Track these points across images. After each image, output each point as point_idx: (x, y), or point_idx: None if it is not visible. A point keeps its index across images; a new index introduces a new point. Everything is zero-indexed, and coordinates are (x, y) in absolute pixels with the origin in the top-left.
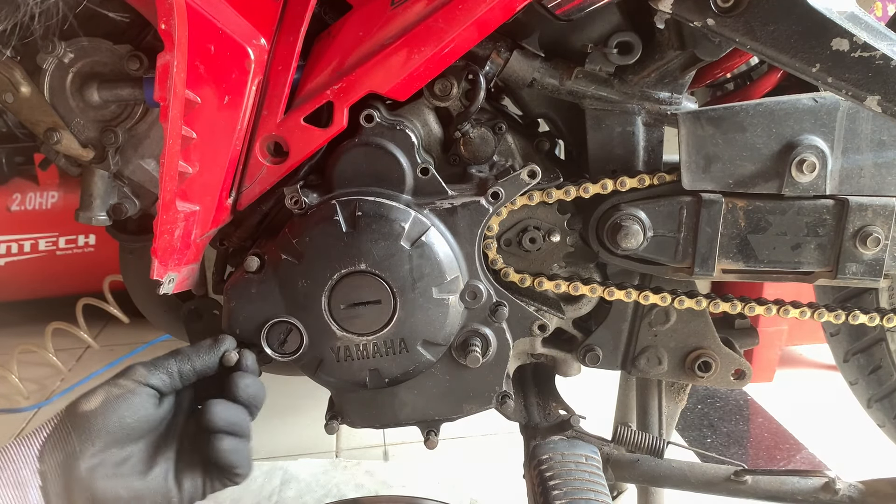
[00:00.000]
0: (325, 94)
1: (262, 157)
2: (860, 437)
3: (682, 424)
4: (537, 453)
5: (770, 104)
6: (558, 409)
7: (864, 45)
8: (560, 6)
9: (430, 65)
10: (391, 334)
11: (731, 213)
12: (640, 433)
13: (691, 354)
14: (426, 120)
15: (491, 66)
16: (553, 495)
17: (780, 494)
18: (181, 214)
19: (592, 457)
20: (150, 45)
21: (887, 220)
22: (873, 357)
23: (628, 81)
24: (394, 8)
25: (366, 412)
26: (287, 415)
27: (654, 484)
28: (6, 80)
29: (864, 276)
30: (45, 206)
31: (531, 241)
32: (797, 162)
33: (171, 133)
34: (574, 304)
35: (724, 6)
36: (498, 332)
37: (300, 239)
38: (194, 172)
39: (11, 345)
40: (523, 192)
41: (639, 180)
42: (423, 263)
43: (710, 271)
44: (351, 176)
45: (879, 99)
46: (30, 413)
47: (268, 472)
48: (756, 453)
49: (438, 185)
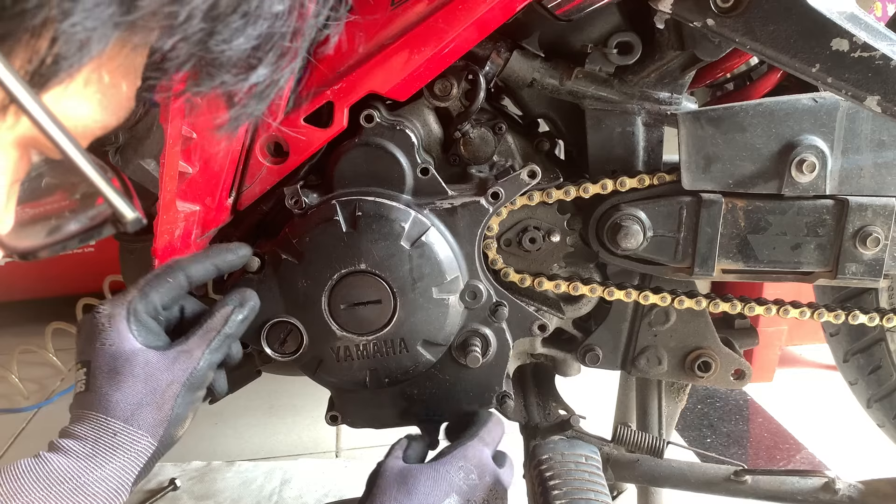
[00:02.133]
0: (325, 95)
1: (263, 157)
2: (860, 437)
3: (682, 424)
4: (537, 453)
5: (770, 104)
6: (558, 409)
7: (864, 45)
8: (560, 6)
9: (430, 65)
10: (391, 334)
11: (730, 213)
12: (640, 433)
13: (691, 354)
14: (426, 120)
15: (491, 67)
16: (553, 495)
17: (779, 494)
18: (181, 214)
19: (592, 457)
20: None
21: (887, 220)
22: (873, 357)
23: (628, 81)
24: (394, 8)
25: (366, 412)
26: (287, 415)
27: (654, 484)
28: None
29: (864, 276)
30: None
31: (531, 241)
32: (797, 162)
33: (171, 133)
34: (574, 304)
35: (723, 6)
36: (498, 332)
37: (300, 239)
38: (194, 172)
39: (11, 345)
40: (523, 192)
41: (639, 180)
42: (423, 263)
43: (710, 271)
44: (351, 176)
45: (879, 99)
46: (30, 413)
47: (268, 472)
48: (756, 453)
49: (438, 185)
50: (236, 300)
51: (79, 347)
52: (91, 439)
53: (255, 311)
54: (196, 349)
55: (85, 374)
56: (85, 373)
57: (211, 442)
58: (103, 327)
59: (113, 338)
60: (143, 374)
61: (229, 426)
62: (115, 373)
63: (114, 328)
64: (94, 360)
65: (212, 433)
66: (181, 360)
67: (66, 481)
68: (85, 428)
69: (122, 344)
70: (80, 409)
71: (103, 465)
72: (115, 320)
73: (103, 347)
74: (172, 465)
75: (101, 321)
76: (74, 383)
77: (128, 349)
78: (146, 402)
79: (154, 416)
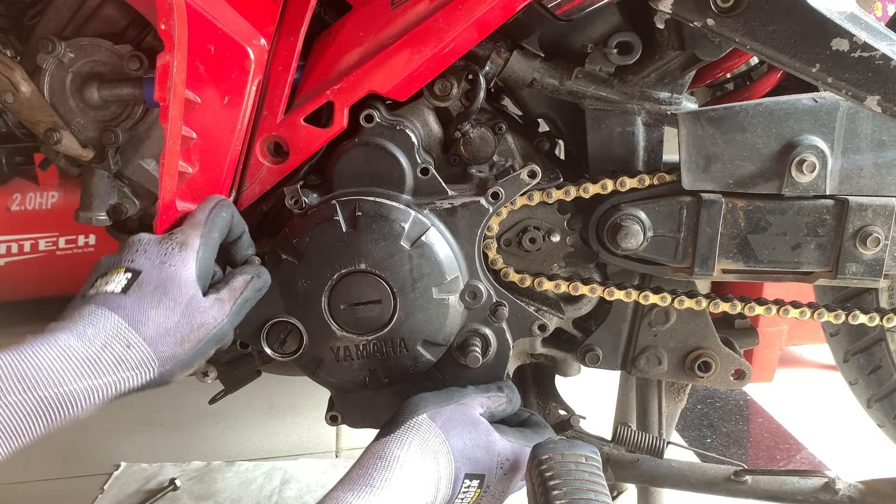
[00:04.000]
0: (325, 95)
1: (263, 157)
2: (860, 437)
3: (682, 424)
4: (537, 453)
5: (770, 104)
6: (558, 409)
7: (864, 45)
8: (560, 6)
9: (430, 65)
10: (391, 334)
11: (731, 213)
12: (640, 433)
13: (691, 354)
14: (426, 120)
15: (491, 66)
16: (553, 495)
17: (780, 494)
18: (181, 214)
19: (592, 457)
20: (150, 45)
21: (887, 220)
22: (873, 357)
23: (628, 81)
24: (394, 8)
25: (366, 412)
26: (287, 415)
27: (654, 484)
28: (6, 80)
29: (864, 276)
30: (45, 206)
31: (531, 242)
32: (797, 162)
33: (171, 133)
34: (574, 304)
35: (724, 6)
36: (498, 332)
37: (300, 239)
38: (194, 172)
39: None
40: (523, 192)
41: (639, 180)
42: (423, 263)
43: (710, 271)
44: (351, 176)
45: (879, 99)
46: None
47: (268, 472)
48: (756, 453)
49: (438, 185)
50: (253, 271)
51: (129, 255)
52: (99, 343)
53: (267, 284)
54: (227, 302)
55: (128, 280)
56: (129, 279)
57: (211, 442)
58: (173, 250)
59: (177, 262)
60: (186, 305)
61: (229, 426)
62: (162, 292)
63: (182, 254)
64: (148, 272)
65: (212, 433)
66: (216, 307)
67: (50, 379)
68: (96, 330)
69: (182, 271)
70: (101, 306)
71: (99, 374)
72: (187, 249)
73: (163, 266)
74: (172, 465)
75: (173, 244)
76: (98, 279)
77: (184, 277)
78: (174, 332)
79: (172, 349)
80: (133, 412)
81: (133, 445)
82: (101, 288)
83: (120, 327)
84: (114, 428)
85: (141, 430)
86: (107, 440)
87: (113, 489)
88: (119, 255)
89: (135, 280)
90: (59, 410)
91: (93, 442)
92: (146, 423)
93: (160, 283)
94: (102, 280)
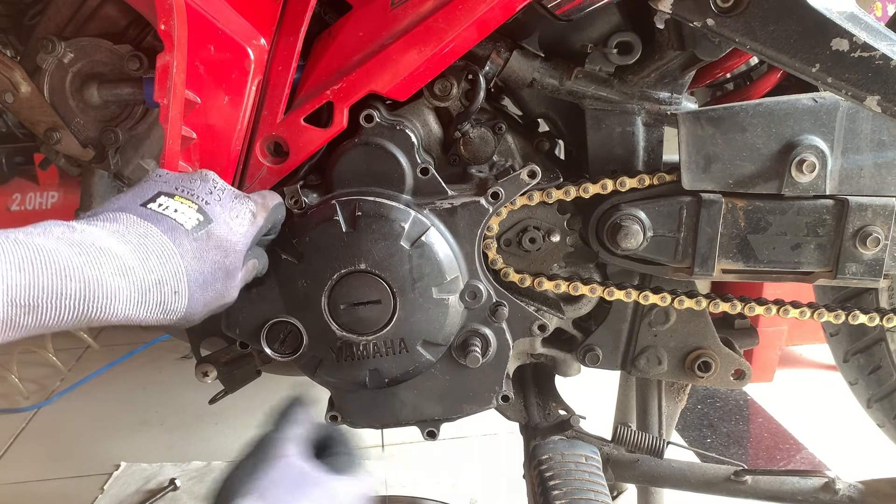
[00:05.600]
0: (325, 94)
1: (263, 157)
2: (860, 437)
3: (682, 424)
4: (537, 453)
5: (770, 104)
6: (558, 409)
7: (864, 45)
8: (560, 6)
9: (430, 65)
10: (391, 334)
11: (730, 213)
12: (640, 433)
13: (691, 354)
14: (426, 120)
15: (491, 66)
16: (553, 495)
17: (780, 494)
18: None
19: (592, 457)
20: (150, 46)
21: (887, 220)
22: (873, 357)
23: (628, 81)
24: (394, 8)
25: (366, 412)
26: None
27: (654, 484)
28: (6, 80)
29: (864, 276)
30: (45, 206)
31: (531, 241)
32: (797, 162)
33: (171, 133)
34: (574, 304)
35: (723, 6)
36: (498, 333)
37: (300, 239)
38: None
39: (11, 345)
40: (523, 192)
41: (639, 180)
42: (422, 263)
43: (710, 271)
44: (351, 176)
45: (879, 99)
46: (30, 413)
47: None
48: (756, 453)
49: (438, 185)
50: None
51: (202, 193)
52: (154, 278)
53: (282, 207)
54: (241, 283)
55: (198, 222)
56: (200, 221)
57: (211, 442)
58: (244, 216)
59: (244, 233)
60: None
61: (229, 426)
62: (222, 255)
63: (250, 228)
64: (218, 225)
65: (212, 433)
66: (237, 287)
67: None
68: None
69: (242, 244)
70: (168, 236)
71: (142, 307)
72: (255, 224)
73: (230, 229)
74: (172, 465)
75: (246, 211)
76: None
77: (240, 251)
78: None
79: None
80: (133, 412)
81: (133, 445)
82: (168, 211)
83: (178, 272)
84: (114, 428)
85: (141, 430)
86: (107, 440)
87: (113, 489)
88: (184, 178)
89: (204, 227)
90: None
91: (93, 442)
92: (146, 423)
93: (222, 246)
94: (169, 200)
